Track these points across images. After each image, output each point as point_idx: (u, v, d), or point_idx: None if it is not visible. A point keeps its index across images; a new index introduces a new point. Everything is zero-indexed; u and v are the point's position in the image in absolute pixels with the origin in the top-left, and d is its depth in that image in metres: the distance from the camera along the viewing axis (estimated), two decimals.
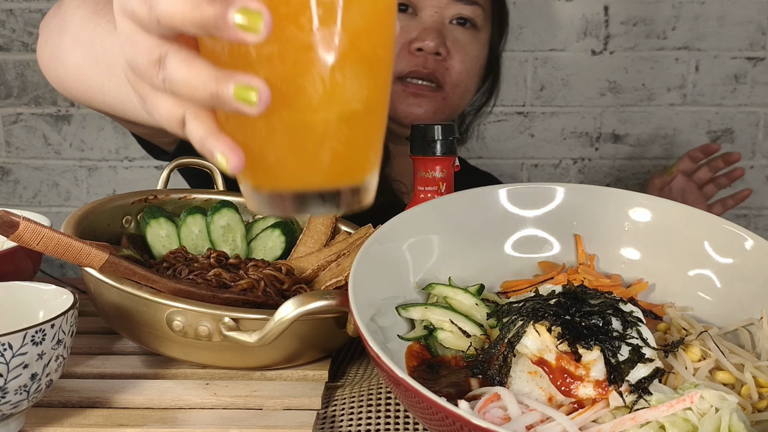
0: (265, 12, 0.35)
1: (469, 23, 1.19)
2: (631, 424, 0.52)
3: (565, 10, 1.63)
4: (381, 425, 0.61)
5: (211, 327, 0.64)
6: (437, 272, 0.70)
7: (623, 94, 1.67)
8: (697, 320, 0.69)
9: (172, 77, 0.39)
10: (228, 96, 0.37)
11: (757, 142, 1.70)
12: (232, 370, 0.69)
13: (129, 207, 0.84)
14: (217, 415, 0.63)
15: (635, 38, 1.64)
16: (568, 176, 1.72)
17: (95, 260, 0.62)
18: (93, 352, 0.74)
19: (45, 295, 0.64)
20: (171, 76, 0.39)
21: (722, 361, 0.61)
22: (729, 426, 0.51)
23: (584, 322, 0.58)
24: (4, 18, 1.66)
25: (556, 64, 1.65)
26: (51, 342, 0.56)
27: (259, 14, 0.35)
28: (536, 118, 1.68)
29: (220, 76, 0.37)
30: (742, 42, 1.63)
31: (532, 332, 0.58)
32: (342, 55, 0.39)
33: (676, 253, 0.73)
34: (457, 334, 0.64)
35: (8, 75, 1.68)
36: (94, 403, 0.64)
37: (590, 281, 0.71)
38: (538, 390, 0.57)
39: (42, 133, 1.71)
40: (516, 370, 0.58)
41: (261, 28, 0.35)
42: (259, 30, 0.35)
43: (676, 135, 1.69)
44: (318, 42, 0.38)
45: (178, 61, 0.39)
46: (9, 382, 0.54)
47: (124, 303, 0.66)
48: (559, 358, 0.56)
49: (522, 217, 0.76)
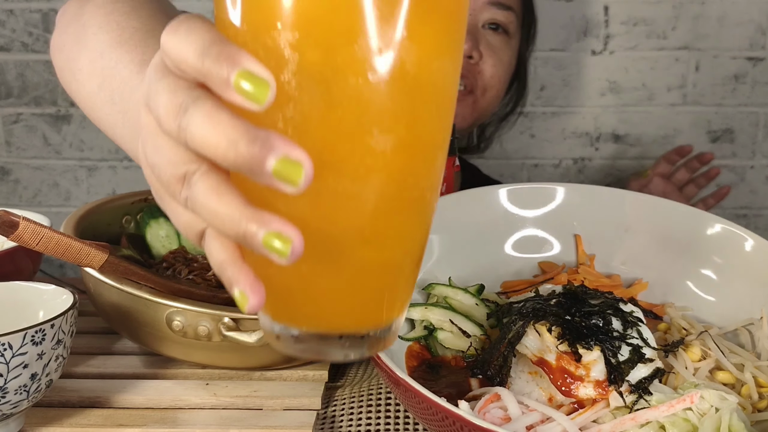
0: (307, 163, 0.31)
1: (502, 29, 1.18)
2: (631, 424, 0.52)
3: (565, 10, 1.62)
4: (381, 425, 0.61)
5: (211, 327, 0.64)
6: (437, 272, 0.70)
7: (623, 94, 1.67)
8: (697, 320, 0.69)
9: (196, 202, 0.35)
10: (256, 241, 0.32)
11: (757, 142, 1.70)
12: (232, 370, 0.69)
13: (129, 207, 0.84)
14: (217, 415, 0.63)
15: (635, 38, 1.64)
16: (568, 176, 1.72)
17: (95, 260, 0.62)
18: (93, 352, 0.73)
19: (45, 295, 0.64)
20: (196, 201, 0.35)
21: (722, 361, 0.61)
22: (729, 426, 0.51)
23: (584, 323, 0.58)
24: (4, 18, 1.66)
25: (556, 63, 1.65)
26: (51, 342, 0.56)
27: (300, 166, 0.31)
28: (536, 118, 1.67)
29: (250, 216, 0.33)
30: (742, 42, 1.63)
31: (533, 332, 0.58)
32: (386, 205, 0.36)
33: (676, 253, 0.73)
34: (457, 334, 0.64)
35: (8, 75, 1.68)
36: (94, 403, 0.64)
37: (590, 281, 0.71)
38: (539, 390, 0.57)
39: (42, 133, 1.71)
40: (516, 370, 0.58)
41: (301, 181, 0.31)
42: (299, 183, 0.31)
43: (676, 135, 1.69)
44: (362, 192, 0.35)
45: (205, 188, 0.34)
46: (9, 382, 0.54)
47: (124, 303, 0.66)
48: (560, 359, 0.56)
49: (522, 217, 0.76)
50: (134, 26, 0.63)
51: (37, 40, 1.66)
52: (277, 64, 0.33)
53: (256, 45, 0.33)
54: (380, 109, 0.34)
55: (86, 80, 0.65)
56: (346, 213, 0.35)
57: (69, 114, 1.70)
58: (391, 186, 0.35)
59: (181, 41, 0.34)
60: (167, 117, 0.34)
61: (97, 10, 0.68)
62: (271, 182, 0.31)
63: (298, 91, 0.33)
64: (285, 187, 0.31)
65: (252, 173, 0.31)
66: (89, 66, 0.65)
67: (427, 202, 0.38)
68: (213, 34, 0.33)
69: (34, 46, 1.66)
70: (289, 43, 0.33)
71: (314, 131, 0.34)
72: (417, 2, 0.34)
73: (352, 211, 0.35)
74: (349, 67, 0.33)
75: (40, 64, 1.67)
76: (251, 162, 0.31)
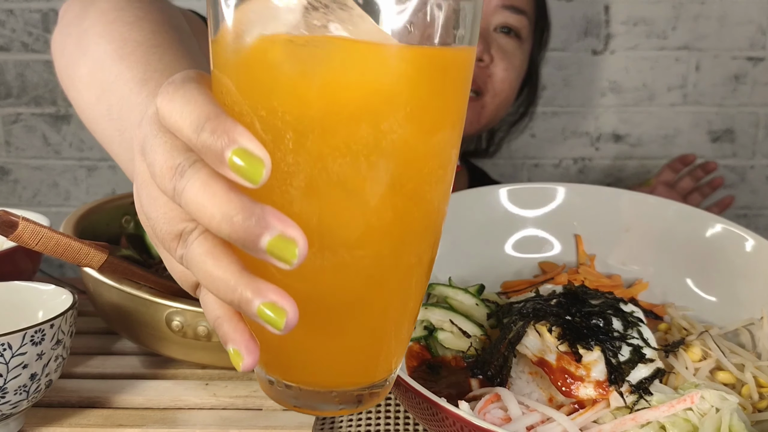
0: (302, 241, 0.31)
1: (514, 33, 1.16)
2: (631, 424, 0.52)
3: (566, 10, 1.62)
4: (381, 426, 0.61)
5: (210, 327, 0.64)
6: (437, 272, 0.70)
7: (624, 94, 1.67)
8: (697, 320, 0.69)
9: (192, 263, 0.34)
10: (251, 310, 0.32)
11: (758, 142, 1.70)
12: (232, 371, 0.69)
13: (128, 207, 0.84)
14: (217, 415, 0.63)
15: (636, 38, 1.64)
16: (568, 176, 1.72)
17: (94, 260, 0.62)
18: (92, 353, 0.73)
19: (44, 295, 0.64)
20: (191, 262, 0.34)
21: (723, 361, 0.61)
22: (729, 426, 0.51)
23: (585, 323, 0.57)
24: (4, 18, 1.65)
25: (556, 63, 1.65)
26: (50, 342, 0.56)
27: (295, 244, 0.30)
28: (537, 118, 1.67)
29: (246, 284, 0.32)
30: (742, 42, 1.63)
31: (533, 332, 0.58)
32: (384, 274, 0.36)
33: (676, 253, 0.73)
34: (457, 335, 0.64)
35: (8, 75, 1.68)
36: (93, 404, 0.64)
37: (591, 281, 0.71)
38: (539, 390, 0.57)
39: (42, 133, 1.71)
40: (516, 370, 0.58)
41: (295, 260, 0.31)
42: (293, 262, 0.31)
43: (676, 135, 1.69)
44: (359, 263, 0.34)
45: (202, 251, 0.34)
46: (8, 382, 0.54)
47: (124, 303, 0.66)
48: (560, 359, 0.56)
49: (522, 217, 0.76)
50: (137, 40, 0.61)
51: (37, 40, 1.66)
52: (274, 138, 0.32)
53: (253, 117, 0.33)
54: (378, 185, 0.33)
55: (85, 90, 0.64)
56: (342, 283, 0.35)
57: (68, 114, 1.70)
58: (389, 256, 0.35)
59: (177, 110, 0.33)
60: (162, 177, 0.33)
61: (99, 17, 0.66)
62: (265, 258, 0.31)
63: (294, 167, 0.33)
64: (279, 264, 0.31)
65: (245, 248, 0.31)
66: (89, 76, 0.64)
67: (425, 265, 0.38)
68: (209, 107, 0.32)
69: (34, 45, 1.66)
70: (287, 118, 0.32)
71: (310, 206, 0.33)
72: (417, 85, 0.33)
73: (349, 280, 0.35)
74: (347, 145, 0.32)
75: (40, 64, 1.67)
76: (245, 237, 0.31)
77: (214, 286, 0.33)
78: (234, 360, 0.35)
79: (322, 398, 0.38)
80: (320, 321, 0.36)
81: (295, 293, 0.32)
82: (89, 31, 0.66)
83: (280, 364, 0.38)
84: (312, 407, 0.38)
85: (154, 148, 0.34)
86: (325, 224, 0.33)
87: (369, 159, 0.33)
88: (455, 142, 0.36)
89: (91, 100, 0.63)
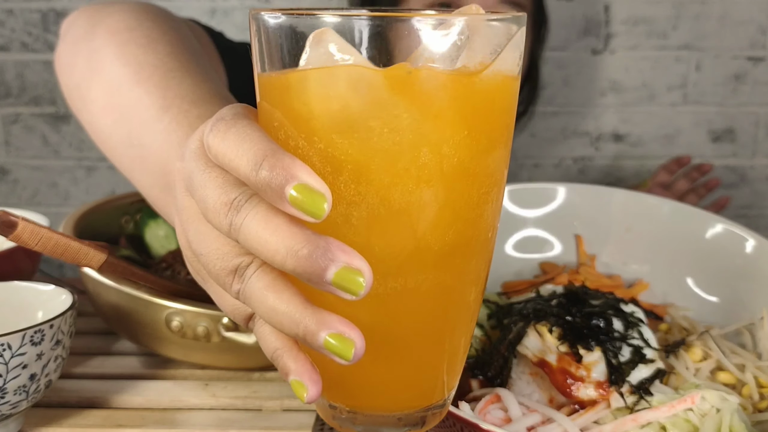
0: (367, 272, 0.30)
1: None
2: (632, 425, 0.52)
3: (566, 10, 1.62)
4: None
5: (210, 327, 0.63)
6: None
7: (624, 94, 1.67)
8: (698, 320, 0.69)
9: (251, 298, 0.33)
10: (317, 343, 0.31)
11: (758, 142, 1.70)
12: (231, 371, 0.69)
13: (127, 207, 0.84)
14: (216, 416, 0.63)
15: (636, 38, 1.64)
16: (568, 176, 1.72)
17: (94, 260, 0.62)
18: (92, 353, 0.73)
19: (44, 295, 0.64)
20: (251, 297, 0.33)
21: (723, 362, 0.60)
22: (730, 426, 0.51)
23: (585, 323, 0.57)
24: (3, 18, 1.65)
25: (556, 63, 1.65)
26: (50, 342, 0.56)
27: (361, 274, 0.30)
28: (537, 118, 1.67)
29: (311, 316, 0.32)
30: (742, 42, 1.63)
31: (533, 333, 0.57)
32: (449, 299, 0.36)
33: (677, 253, 0.73)
34: None
35: (7, 75, 1.68)
36: (92, 404, 0.64)
37: (591, 282, 0.71)
38: (539, 391, 0.57)
39: (41, 133, 1.71)
40: (517, 371, 0.58)
41: (361, 291, 0.30)
42: (359, 293, 0.30)
43: (677, 135, 1.69)
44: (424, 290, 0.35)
45: (262, 286, 0.33)
46: (8, 383, 0.54)
47: (123, 303, 0.66)
48: (560, 359, 0.56)
49: (523, 218, 0.76)
50: (153, 63, 0.60)
51: (37, 40, 1.66)
52: (333, 171, 0.32)
53: (310, 150, 0.33)
54: (440, 209, 0.34)
55: (100, 113, 0.63)
56: (405, 309, 0.35)
57: (68, 114, 1.70)
58: (450, 279, 0.35)
59: (232, 149, 0.33)
60: (216, 212, 0.33)
61: (111, 38, 0.65)
62: (330, 290, 0.30)
63: (356, 197, 0.33)
64: (344, 295, 0.31)
65: (311, 281, 0.31)
66: (105, 99, 0.62)
67: (482, 282, 0.38)
68: (266, 143, 0.32)
69: (34, 45, 1.66)
70: (348, 150, 0.32)
71: (373, 235, 0.33)
72: (475, 108, 0.33)
73: (412, 306, 0.35)
74: (409, 172, 0.32)
75: (39, 64, 1.67)
76: (311, 271, 0.30)
77: (276, 320, 0.33)
78: (297, 391, 0.34)
79: (386, 422, 0.38)
80: (384, 348, 0.36)
81: (357, 323, 0.32)
82: (101, 51, 0.64)
83: (342, 391, 0.38)
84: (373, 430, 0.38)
85: (205, 183, 0.34)
86: (387, 252, 0.34)
87: (430, 183, 0.33)
88: (507, 160, 0.37)
89: (107, 123, 0.62)
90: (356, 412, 0.38)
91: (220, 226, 0.33)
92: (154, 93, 0.57)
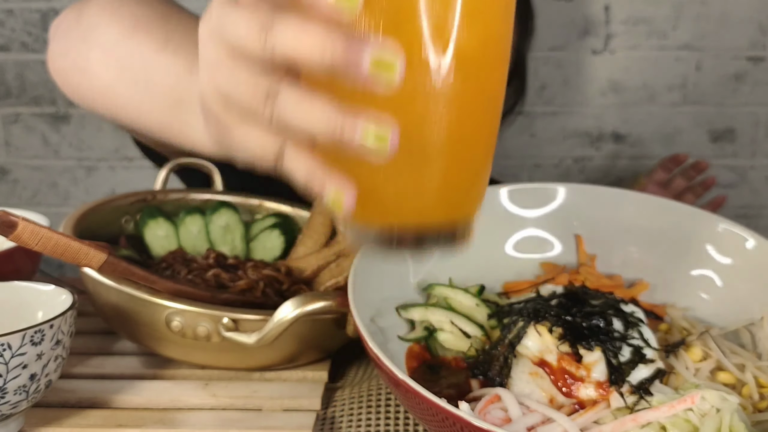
0: (400, 58, 0.33)
1: None
2: (632, 425, 0.52)
3: (566, 10, 1.62)
4: (381, 426, 0.61)
5: (210, 327, 0.64)
6: (437, 273, 0.70)
7: (624, 94, 1.67)
8: (698, 320, 0.69)
9: (286, 112, 0.36)
10: (356, 137, 0.34)
11: (758, 142, 1.70)
12: (231, 371, 0.69)
13: (128, 207, 0.84)
14: (216, 416, 0.63)
15: (636, 37, 1.64)
16: (568, 176, 1.72)
17: (94, 260, 0.62)
18: (92, 353, 0.73)
19: (44, 295, 0.64)
20: (285, 111, 0.36)
21: (723, 362, 0.60)
22: (730, 426, 0.51)
23: (585, 323, 0.57)
24: (3, 18, 1.65)
25: (556, 63, 1.65)
26: (50, 342, 0.56)
27: (394, 65, 0.33)
28: (537, 118, 1.67)
29: (347, 114, 0.34)
30: (742, 42, 1.63)
31: (533, 333, 0.57)
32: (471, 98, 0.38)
33: (677, 253, 0.73)
34: (457, 335, 0.64)
35: (7, 75, 1.68)
36: (92, 404, 0.64)
37: (591, 282, 0.71)
38: (539, 391, 0.57)
39: (41, 133, 1.71)
40: (517, 371, 0.58)
41: (395, 76, 0.33)
42: (394, 79, 0.33)
43: (677, 135, 1.69)
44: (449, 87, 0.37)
45: (296, 97, 0.35)
46: (8, 383, 0.54)
47: (123, 303, 0.66)
48: (560, 359, 0.56)
49: (523, 218, 0.76)
50: (147, 14, 0.62)
51: (37, 40, 1.66)
52: None
53: None
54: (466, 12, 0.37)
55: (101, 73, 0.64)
56: (434, 109, 0.37)
57: (68, 114, 1.70)
58: (478, 85, 0.38)
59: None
60: (250, 36, 0.35)
61: (102, 10, 0.67)
62: (367, 82, 0.33)
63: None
64: (379, 86, 0.33)
65: (346, 75, 0.33)
66: (103, 57, 0.64)
67: (499, 100, 0.41)
68: None
69: (34, 45, 1.66)
70: None
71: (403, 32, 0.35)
72: None
73: (442, 112, 0.37)
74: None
75: (39, 64, 1.67)
76: (347, 61, 0.33)
77: (313, 125, 0.35)
78: (336, 202, 0.36)
79: (420, 234, 0.40)
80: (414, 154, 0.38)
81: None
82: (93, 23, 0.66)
83: (378, 207, 0.40)
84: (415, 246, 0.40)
85: (235, 18, 0.36)
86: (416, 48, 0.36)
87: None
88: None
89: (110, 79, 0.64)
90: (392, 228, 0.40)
91: (255, 46, 0.35)
92: (154, 33, 0.59)
